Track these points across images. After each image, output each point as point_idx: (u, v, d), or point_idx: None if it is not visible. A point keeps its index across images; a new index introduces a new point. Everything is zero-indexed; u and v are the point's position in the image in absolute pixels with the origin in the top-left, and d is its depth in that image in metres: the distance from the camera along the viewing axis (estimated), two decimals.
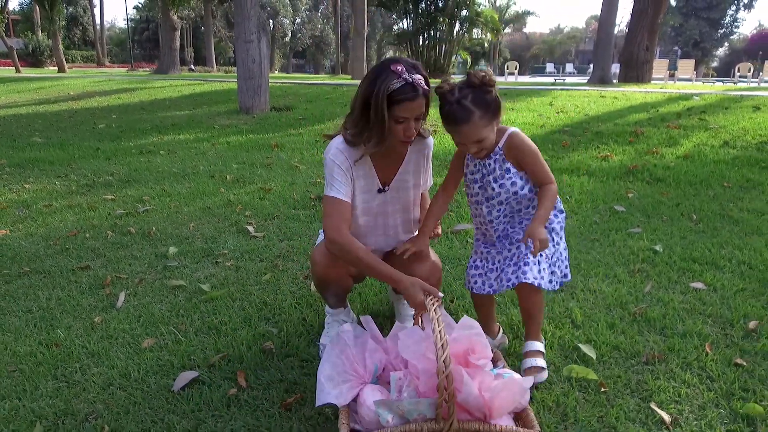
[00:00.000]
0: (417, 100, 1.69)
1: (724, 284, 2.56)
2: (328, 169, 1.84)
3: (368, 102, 1.70)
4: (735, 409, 1.69)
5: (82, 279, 2.73)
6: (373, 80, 1.69)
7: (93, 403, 1.78)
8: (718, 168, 4.75)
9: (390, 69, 1.67)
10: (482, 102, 1.67)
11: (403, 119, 1.71)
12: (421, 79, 1.70)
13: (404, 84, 1.66)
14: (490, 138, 1.73)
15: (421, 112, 1.73)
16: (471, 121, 1.67)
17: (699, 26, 44.41)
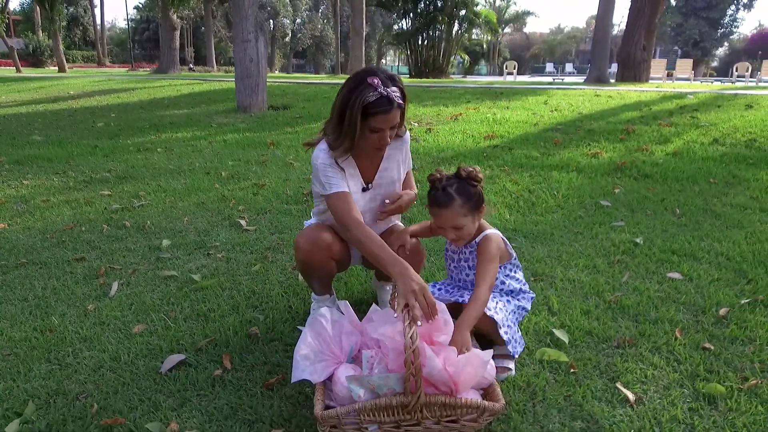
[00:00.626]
0: (392, 113, 1.79)
1: (700, 274, 2.64)
2: (321, 172, 1.91)
3: (344, 111, 1.80)
4: (698, 388, 1.77)
5: (77, 270, 2.81)
6: (350, 92, 1.78)
7: (84, 384, 1.85)
8: (705, 164, 4.82)
9: (366, 82, 1.76)
10: (465, 192, 1.83)
11: (378, 129, 1.82)
12: (397, 91, 1.79)
13: (379, 97, 1.75)
14: (468, 228, 1.88)
15: (395, 123, 1.84)
16: (451, 207, 1.82)
17: (699, 26, 44.44)
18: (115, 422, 1.64)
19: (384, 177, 2.06)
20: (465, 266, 2.00)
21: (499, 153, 5.45)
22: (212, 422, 1.65)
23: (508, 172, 4.70)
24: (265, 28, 8.94)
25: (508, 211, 3.66)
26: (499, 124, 7.00)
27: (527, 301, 2.02)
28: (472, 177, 1.84)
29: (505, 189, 4.18)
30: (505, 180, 4.44)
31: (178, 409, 1.72)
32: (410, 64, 25.38)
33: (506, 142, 5.95)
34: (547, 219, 3.49)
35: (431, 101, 9.52)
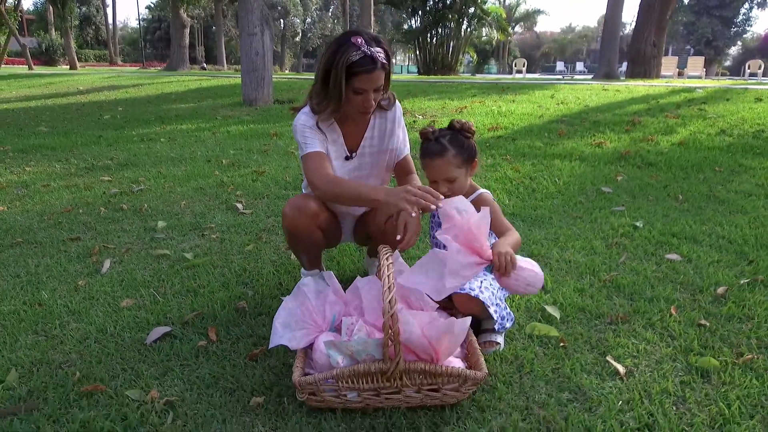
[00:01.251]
0: (375, 72, 1.75)
1: (699, 256, 2.58)
2: (299, 134, 1.91)
3: (328, 73, 1.77)
4: (691, 362, 1.72)
5: (71, 249, 2.81)
6: (333, 52, 1.75)
7: (68, 354, 1.84)
8: (711, 154, 4.75)
9: (350, 41, 1.73)
10: (458, 143, 1.80)
11: (362, 90, 1.78)
12: (381, 51, 1.76)
13: (363, 56, 1.72)
14: (461, 182, 1.84)
15: (379, 84, 1.80)
16: (444, 156, 1.79)
17: (711, 24, 43.96)
18: (95, 389, 1.63)
19: (369, 146, 2.03)
20: None
21: (502, 143, 5.40)
22: (193, 390, 1.63)
23: (510, 161, 4.65)
24: (270, 22, 8.94)
25: (508, 197, 3.62)
26: (504, 116, 6.94)
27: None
28: (465, 128, 1.82)
29: (506, 176, 4.13)
30: (506, 168, 4.39)
31: (160, 378, 1.70)
32: (419, 62, 25.32)
33: (510, 133, 5.90)
34: (547, 204, 3.45)
35: (437, 95, 9.47)
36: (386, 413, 1.49)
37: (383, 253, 1.52)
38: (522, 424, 1.45)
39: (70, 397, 1.60)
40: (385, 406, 1.49)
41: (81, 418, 1.50)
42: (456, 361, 1.53)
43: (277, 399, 1.57)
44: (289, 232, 1.99)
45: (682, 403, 1.54)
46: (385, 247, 1.58)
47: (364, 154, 2.03)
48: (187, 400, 1.58)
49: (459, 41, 24.67)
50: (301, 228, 1.96)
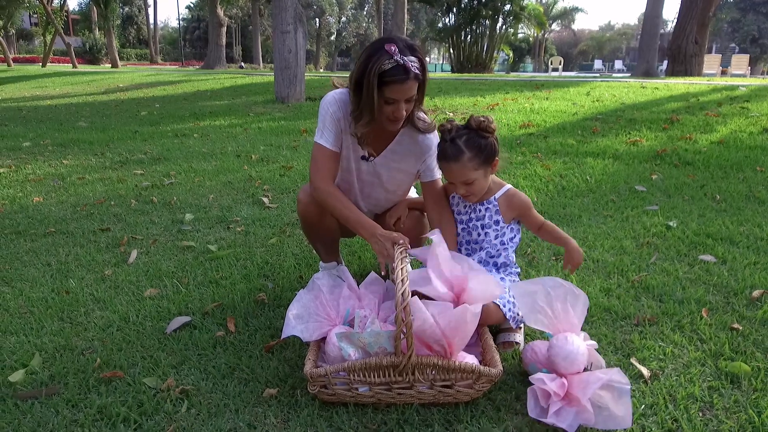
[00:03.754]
0: (407, 83, 1.67)
1: (735, 257, 2.47)
2: (321, 116, 1.87)
3: (361, 81, 1.70)
4: (721, 367, 1.65)
5: (101, 239, 2.87)
6: (367, 59, 1.68)
7: (91, 341, 1.88)
8: (752, 153, 4.56)
9: (384, 49, 1.66)
10: (475, 145, 1.72)
11: (393, 100, 1.70)
12: (415, 61, 1.67)
13: (396, 65, 1.64)
14: (480, 183, 1.77)
15: (411, 95, 1.71)
16: (460, 160, 1.72)
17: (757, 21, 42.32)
18: (114, 375, 1.65)
19: (390, 159, 1.94)
20: (477, 225, 1.87)
21: (533, 140, 5.30)
22: (208, 380, 1.64)
23: (541, 159, 4.56)
24: (304, 20, 8.99)
25: (536, 194, 3.54)
26: (537, 114, 6.82)
27: (514, 276, 1.90)
28: (483, 128, 1.73)
29: (536, 174, 4.05)
30: (536, 165, 4.30)
31: (178, 366, 1.71)
32: (452, 60, 25.16)
33: (542, 131, 5.79)
34: (576, 202, 3.36)
35: (468, 92, 9.38)
36: (398, 409, 1.47)
37: (396, 248, 1.50)
38: (538, 425, 1.41)
39: (89, 382, 1.63)
40: (397, 401, 1.47)
41: (98, 404, 1.52)
42: (469, 357, 1.49)
43: (291, 391, 1.56)
44: (303, 218, 1.98)
45: (708, 409, 1.47)
46: (400, 244, 1.56)
47: (382, 164, 1.96)
48: (203, 389, 1.59)
49: (494, 39, 24.43)
50: (314, 214, 1.94)
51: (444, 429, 1.40)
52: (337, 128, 1.85)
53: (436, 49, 57.44)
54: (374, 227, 1.71)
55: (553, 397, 1.36)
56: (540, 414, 1.38)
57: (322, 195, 1.82)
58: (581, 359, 1.46)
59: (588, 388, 1.34)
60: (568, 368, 1.44)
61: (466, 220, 1.90)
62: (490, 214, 1.85)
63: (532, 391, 1.42)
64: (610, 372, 1.37)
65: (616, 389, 1.35)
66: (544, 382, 1.39)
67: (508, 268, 1.91)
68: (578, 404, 1.35)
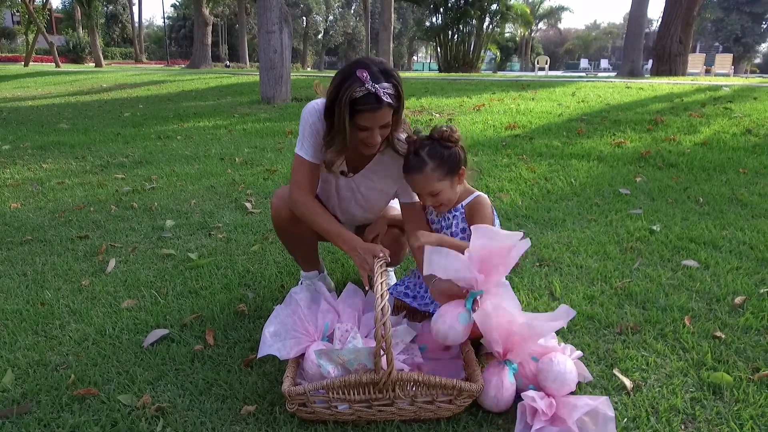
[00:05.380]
0: (380, 111, 1.61)
1: (718, 262, 2.48)
2: (302, 126, 1.84)
3: (332, 108, 1.64)
4: (703, 378, 1.64)
5: (79, 247, 2.81)
6: (338, 85, 1.62)
7: (66, 356, 1.83)
8: (735, 155, 4.59)
9: (355, 75, 1.59)
10: (438, 155, 1.70)
11: (365, 128, 1.65)
12: (388, 87, 1.60)
13: (367, 93, 1.57)
14: (447, 193, 1.74)
15: (385, 122, 1.66)
16: (423, 171, 1.69)
17: (741, 21, 42.82)
18: (88, 392, 1.61)
19: (369, 178, 1.91)
20: (447, 234, 1.85)
21: (519, 142, 5.30)
22: (185, 396, 1.60)
23: (526, 161, 4.56)
24: (289, 20, 8.93)
25: (521, 198, 3.53)
26: (522, 115, 6.83)
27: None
28: (445, 138, 1.70)
29: (521, 176, 4.05)
30: (521, 168, 4.30)
31: (154, 382, 1.67)
32: (439, 59, 25.18)
33: (528, 132, 5.79)
34: (561, 206, 3.36)
35: (455, 93, 9.37)
36: (379, 426, 1.44)
37: (376, 262, 1.47)
38: None
39: (62, 400, 1.59)
40: (377, 418, 1.44)
41: (71, 423, 1.49)
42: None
43: (269, 408, 1.53)
44: (276, 224, 1.95)
45: (691, 422, 1.46)
46: (380, 259, 1.54)
47: (361, 182, 1.93)
48: (179, 406, 1.56)
49: (480, 38, 24.47)
50: (285, 219, 1.89)
51: None
52: (316, 139, 1.81)
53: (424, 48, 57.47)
54: (354, 240, 1.68)
55: (540, 416, 1.34)
56: (524, 431, 1.36)
57: (301, 207, 1.80)
58: (571, 378, 1.46)
59: (575, 411, 1.33)
60: (560, 389, 1.43)
61: (438, 229, 1.90)
62: (457, 222, 1.83)
63: (521, 406, 1.41)
64: (598, 399, 1.36)
65: (601, 417, 1.34)
66: (534, 400, 1.37)
67: None
68: (563, 425, 1.33)
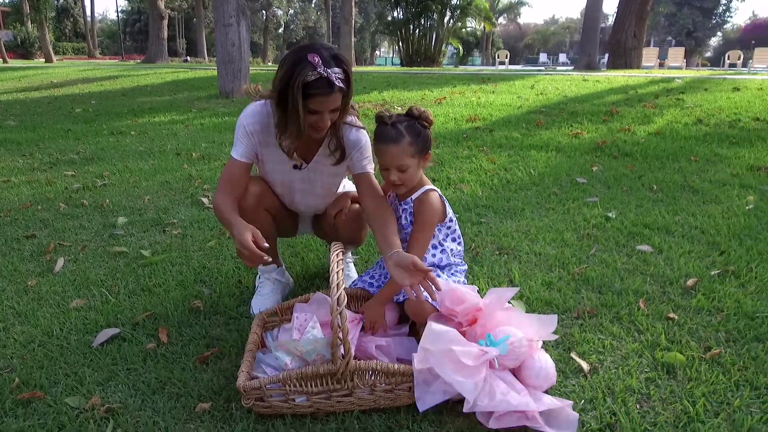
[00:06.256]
0: (331, 96, 1.62)
1: (671, 246, 2.54)
2: (236, 129, 1.84)
3: (285, 92, 1.62)
4: (657, 358, 1.67)
5: (26, 247, 2.69)
6: (290, 69, 1.60)
7: (10, 359, 1.74)
8: (687, 144, 4.73)
9: (307, 59, 1.58)
10: (415, 131, 1.71)
11: (316, 111, 1.65)
12: (339, 72, 1.60)
13: (319, 78, 1.57)
14: (412, 173, 1.74)
15: (336, 106, 1.66)
16: (400, 143, 1.69)
17: (692, 15, 44.28)
18: (33, 396, 1.54)
19: (321, 164, 1.90)
20: (402, 223, 1.84)
21: (479, 134, 5.34)
22: (137, 396, 1.54)
23: (486, 152, 4.59)
24: (246, 13, 8.78)
25: (481, 188, 3.55)
26: (483, 107, 6.88)
27: (461, 274, 1.87)
28: (423, 117, 1.72)
29: (481, 168, 4.07)
30: (482, 159, 4.33)
31: (104, 383, 1.61)
32: (401, 53, 25.20)
33: (488, 124, 5.84)
34: (520, 196, 3.39)
35: (417, 86, 9.39)
36: (338, 417, 1.42)
37: (333, 250, 1.45)
38: (480, 427, 1.39)
39: (6, 405, 1.51)
40: (336, 409, 1.42)
41: (15, 428, 1.42)
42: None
43: (225, 404, 1.49)
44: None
45: (646, 401, 1.49)
46: (337, 244, 1.51)
47: (314, 169, 1.92)
48: (130, 406, 1.50)
49: (442, 33, 24.59)
50: (245, 209, 1.86)
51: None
52: (250, 142, 1.81)
53: (386, 43, 57.43)
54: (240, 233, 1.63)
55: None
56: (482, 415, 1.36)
57: (214, 207, 1.81)
58: (552, 372, 1.49)
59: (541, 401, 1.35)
60: (543, 384, 1.46)
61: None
62: (406, 215, 1.82)
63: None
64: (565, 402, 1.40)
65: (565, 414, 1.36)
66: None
67: (452, 268, 1.88)
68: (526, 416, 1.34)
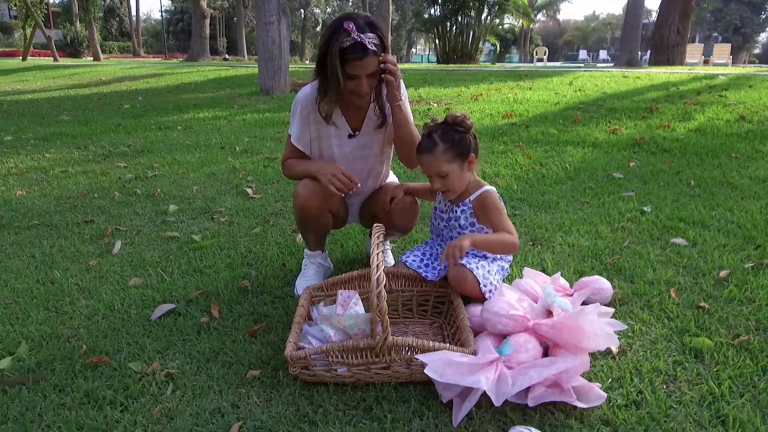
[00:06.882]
0: (366, 59, 1.76)
1: (706, 240, 2.56)
2: (293, 110, 2.04)
3: (324, 60, 1.79)
4: (686, 343, 1.72)
5: (85, 231, 2.89)
6: (328, 38, 1.77)
7: (77, 329, 1.91)
8: (728, 140, 4.66)
9: (343, 27, 1.74)
10: (449, 138, 1.78)
11: (354, 76, 1.79)
12: (373, 37, 1.75)
13: (354, 43, 1.72)
14: (455, 176, 1.81)
15: (372, 70, 1.80)
16: (433, 152, 1.77)
17: (740, 11, 42.76)
18: (100, 361, 1.69)
19: (371, 126, 2.06)
20: (455, 225, 1.94)
21: (515, 130, 5.37)
22: (193, 363, 1.68)
23: (522, 147, 4.63)
24: (287, 11, 8.97)
25: (516, 182, 3.61)
26: (519, 104, 6.89)
27: (506, 261, 1.97)
28: (458, 123, 1.80)
29: (516, 162, 4.12)
30: (517, 154, 4.37)
31: (162, 352, 1.76)
32: (438, 50, 25.15)
33: (524, 120, 5.86)
34: (555, 189, 3.43)
35: (453, 83, 9.43)
36: (377, 387, 1.52)
37: (375, 232, 1.55)
38: (511, 398, 1.47)
39: (75, 368, 1.67)
40: (375, 381, 1.53)
41: (85, 388, 1.56)
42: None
43: (273, 372, 1.61)
44: (301, 211, 2.01)
45: (672, 382, 1.54)
46: (378, 227, 1.61)
47: (367, 133, 2.07)
48: (187, 372, 1.64)
49: (479, 29, 24.42)
50: (313, 209, 1.99)
51: (420, 405, 1.46)
52: (304, 122, 2.01)
53: (422, 40, 57.30)
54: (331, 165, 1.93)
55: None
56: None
57: (283, 170, 2.10)
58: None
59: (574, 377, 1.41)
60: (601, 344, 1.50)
61: (446, 218, 1.97)
62: (465, 216, 1.91)
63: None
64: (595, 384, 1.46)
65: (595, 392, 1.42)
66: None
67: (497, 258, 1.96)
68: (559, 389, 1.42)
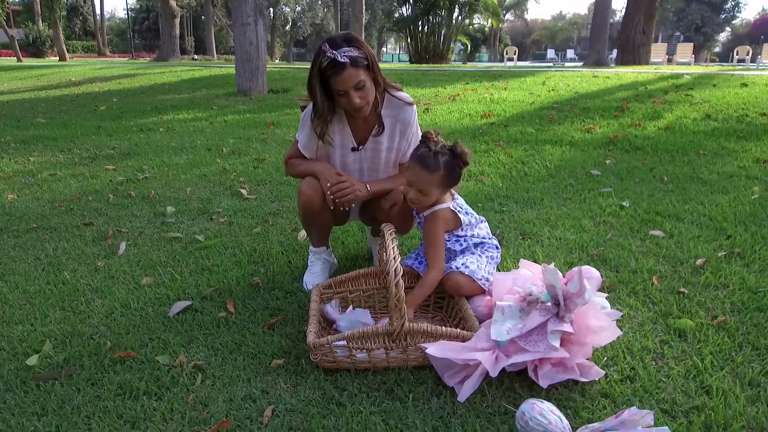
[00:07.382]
0: (344, 72, 1.84)
1: (681, 232, 2.75)
2: (302, 119, 2.14)
3: (311, 83, 1.94)
4: (670, 324, 1.89)
5: (86, 233, 2.94)
6: (312, 63, 1.92)
7: (97, 327, 1.99)
8: (696, 138, 4.93)
9: (321, 49, 1.87)
10: (451, 168, 1.88)
11: (342, 92, 1.89)
12: (348, 50, 1.83)
13: (330, 60, 1.83)
14: (431, 198, 1.92)
15: (357, 81, 1.86)
16: (433, 174, 1.86)
17: (701, 11, 44.21)
18: (128, 355, 1.78)
19: (376, 143, 2.13)
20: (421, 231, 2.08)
21: (495, 129, 5.55)
22: (218, 355, 1.78)
23: (503, 147, 4.81)
24: (264, 12, 9.00)
25: (501, 180, 3.78)
26: (496, 104, 7.09)
27: (493, 248, 2.08)
28: (462, 158, 1.88)
29: (499, 161, 4.29)
30: (499, 153, 4.55)
31: (186, 345, 1.85)
32: (410, 50, 25.34)
33: (502, 120, 6.05)
34: (538, 186, 3.61)
35: (429, 83, 9.60)
36: (395, 371, 1.65)
37: (386, 230, 1.68)
38: (517, 376, 1.62)
39: (104, 363, 1.75)
40: (392, 365, 1.65)
41: (118, 381, 1.65)
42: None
43: (296, 361, 1.72)
44: (305, 208, 2.12)
45: (660, 359, 1.71)
46: (388, 225, 1.74)
47: (371, 149, 2.15)
48: (213, 363, 1.74)
49: (450, 29, 24.71)
50: (316, 206, 2.10)
51: (436, 385, 1.59)
52: (312, 134, 2.08)
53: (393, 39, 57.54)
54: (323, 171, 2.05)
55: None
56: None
57: (286, 168, 2.22)
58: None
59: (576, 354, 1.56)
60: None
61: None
62: (420, 227, 2.06)
63: None
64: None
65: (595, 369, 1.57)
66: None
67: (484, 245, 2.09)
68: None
